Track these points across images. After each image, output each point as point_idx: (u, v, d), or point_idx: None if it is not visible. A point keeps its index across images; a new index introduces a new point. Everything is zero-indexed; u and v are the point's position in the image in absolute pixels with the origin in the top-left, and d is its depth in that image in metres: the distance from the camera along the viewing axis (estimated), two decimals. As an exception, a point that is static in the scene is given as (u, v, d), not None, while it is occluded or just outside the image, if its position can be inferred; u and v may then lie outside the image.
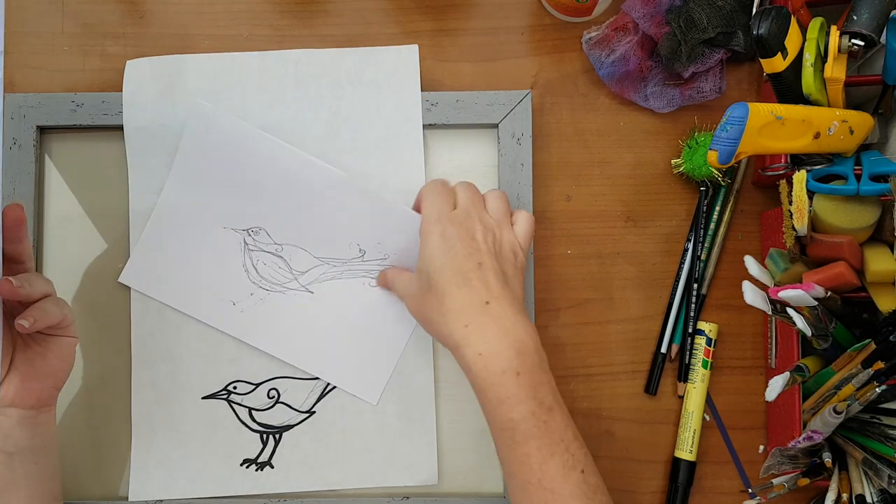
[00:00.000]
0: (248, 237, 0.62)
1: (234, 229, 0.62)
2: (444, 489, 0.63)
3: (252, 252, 0.62)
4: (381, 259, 0.62)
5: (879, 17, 0.50)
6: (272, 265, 0.62)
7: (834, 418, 0.52)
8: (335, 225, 0.61)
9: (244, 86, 0.63)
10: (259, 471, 0.62)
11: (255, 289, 0.62)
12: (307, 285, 0.62)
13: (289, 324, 0.62)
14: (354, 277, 0.62)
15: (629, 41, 0.62)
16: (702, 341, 0.63)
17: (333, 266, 0.62)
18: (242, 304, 0.62)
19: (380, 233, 0.61)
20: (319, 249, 0.62)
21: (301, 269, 0.62)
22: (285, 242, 0.62)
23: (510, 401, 0.49)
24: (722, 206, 0.64)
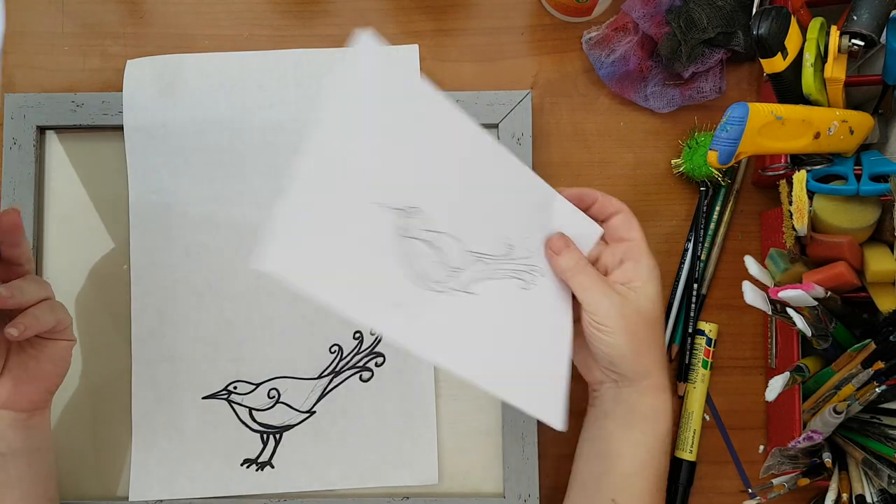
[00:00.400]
0: (403, 219, 0.49)
1: (386, 206, 0.48)
2: (444, 489, 0.63)
3: (406, 240, 0.49)
4: (524, 258, 0.54)
5: (879, 17, 0.50)
6: (429, 259, 0.50)
7: (834, 418, 0.52)
8: (490, 212, 0.52)
9: (244, 85, 0.63)
10: (259, 471, 0.62)
11: (416, 289, 0.50)
12: (467, 286, 0.52)
13: (457, 332, 0.51)
14: (505, 278, 0.53)
15: (629, 41, 0.62)
16: (702, 341, 0.63)
17: (486, 264, 0.52)
18: (406, 307, 0.49)
19: (528, 225, 0.53)
20: (473, 241, 0.51)
21: (457, 265, 0.51)
22: (443, 231, 0.50)
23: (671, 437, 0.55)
24: (722, 206, 0.64)
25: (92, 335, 0.63)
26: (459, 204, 0.51)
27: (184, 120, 0.63)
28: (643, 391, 0.53)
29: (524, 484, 0.61)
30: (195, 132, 0.63)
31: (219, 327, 0.62)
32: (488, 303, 0.52)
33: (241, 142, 0.63)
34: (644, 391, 0.53)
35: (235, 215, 0.63)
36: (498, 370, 0.52)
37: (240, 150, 0.63)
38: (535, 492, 0.61)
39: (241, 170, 0.63)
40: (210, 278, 0.63)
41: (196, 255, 0.63)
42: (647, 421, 0.53)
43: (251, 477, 0.62)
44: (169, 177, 0.63)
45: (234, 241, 0.63)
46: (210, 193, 0.63)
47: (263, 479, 0.62)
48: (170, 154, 0.63)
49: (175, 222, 0.63)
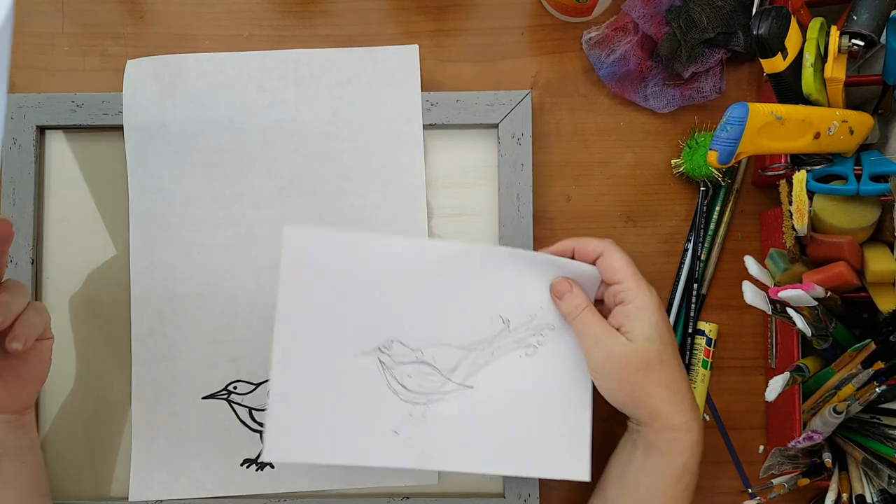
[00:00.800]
0: (383, 354, 0.55)
1: (364, 353, 0.54)
2: (444, 489, 0.63)
3: (392, 370, 0.55)
4: (527, 322, 0.56)
5: (879, 18, 0.50)
6: (418, 375, 0.55)
7: (834, 418, 0.52)
8: (470, 304, 0.55)
9: (244, 85, 0.63)
10: (259, 471, 0.62)
11: (411, 408, 0.55)
12: (463, 381, 0.55)
13: (463, 430, 0.55)
14: (507, 353, 0.56)
15: (629, 41, 0.62)
16: (702, 341, 0.63)
17: (482, 350, 0.56)
18: (405, 430, 0.55)
19: (518, 292, 0.55)
20: (461, 338, 0.55)
21: (449, 366, 0.55)
22: (423, 345, 0.55)
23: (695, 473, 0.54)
24: (722, 206, 0.64)
25: (92, 335, 0.63)
26: (435, 315, 0.55)
27: (184, 120, 0.63)
28: (657, 431, 0.53)
29: (524, 484, 0.61)
30: (195, 132, 0.63)
31: (219, 327, 0.62)
32: (488, 390, 0.55)
33: (241, 142, 0.63)
34: (657, 431, 0.53)
35: (235, 215, 0.63)
36: (513, 453, 0.55)
37: (240, 150, 0.63)
38: (535, 492, 0.61)
39: (241, 170, 0.63)
40: (210, 278, 0.63)
41: (196, 255, 0.63)
42: (662, 454, 0.53)
43: (251, 477, 0.62)
44: (169, 177, 0.63)
45: (233, 241, 0.63)
46: (210, 193, 0.63)
47: (263, 479, 0.62)
48: (170, 154, 0.63)
49: (175, 222, 0.63)
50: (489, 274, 0.55)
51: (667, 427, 0.53)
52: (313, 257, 0.54)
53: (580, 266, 0.55)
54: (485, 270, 0.55)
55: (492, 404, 0.56)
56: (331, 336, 0.54)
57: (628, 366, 0.52)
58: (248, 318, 0.62)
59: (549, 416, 0.56)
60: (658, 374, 0.52)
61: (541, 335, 0.56)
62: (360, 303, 0.54)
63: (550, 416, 0.56)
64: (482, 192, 0.64)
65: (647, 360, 0.52)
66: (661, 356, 0.52)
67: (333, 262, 0.54)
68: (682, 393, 0.53)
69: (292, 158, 0.63)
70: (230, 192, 0.63)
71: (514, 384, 0.56)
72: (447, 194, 0.64)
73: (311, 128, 0.63)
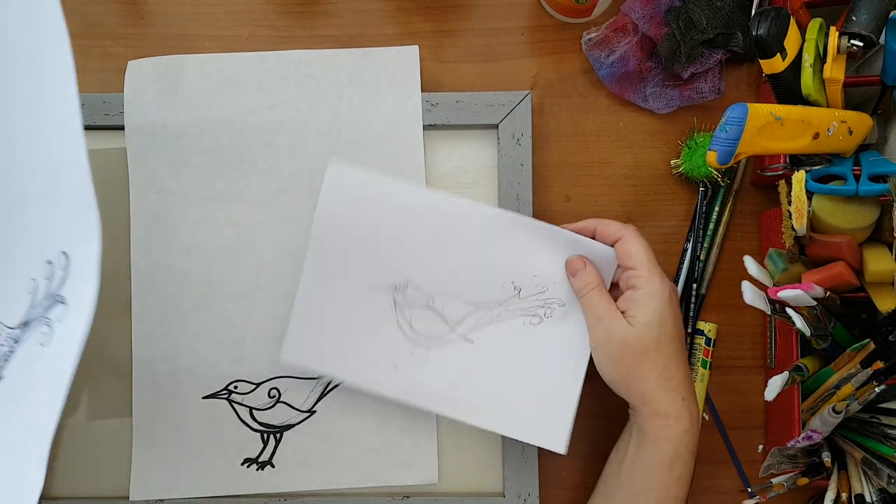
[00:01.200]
0: (398, 293, 0.59)
1: (381, 288, 0.59)
2: (444, 489, 0.63)
3: (403, 309, 0.59)
4: (538, 294, 0.58)
5: (878, 18, 0.50)
6: (426, 319, 0.58)
7: (833, 418, 0.52)
8: (486, 265, 0.58)
9: (244, 86, 0.63)
10: (260, 470, 0.62)
11: (414, 348, 0.59)
12: (465, 334, 0.59)
13: (455, 379, 0.58)
14: (513, 318, 0.58)
15: (628, 42, 0.62)
16: (701, 341, 0.63)
17: (489, 310, 0.58)
18: (404, 365, 0.59)
19: (534, 263, 0.58)
20: (472, 294, 0.58)
21: (456, 318, 0.58)
22: (436, 293, 0.58)
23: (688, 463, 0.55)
24: (721, 206, 0.64)
25: (92, 335, 0.63)
26: (452, 268, 0.58)
27: (184, 120, 0.63)
28: (646, 417, 0.54)
29: (524, 483, 0.61)
30: (196, 132, 0.63)
31: (219, 327, 0.63)
32: (487, 347, 0.58)
33: (241, 142, 0.63)
34: (647, 417, 0.54)
35: (236, 215, 0.63)
36: (497, 410, 0.58)
37: (240, 150, 0.63)
38: (535, 491, 0.61)
39: (242, 170, 0.63)
40: (210, 278, 0.63)
41: (196, 255, 0.63)
42: (653, 441, 0.54)
43: (252, 476, 0.62)
44: (169, 177, 0.63)
45: (234, 241, 0.63)
46: (210, 193, 0.63)
47: (264, 478, 0.62)
48: (170, 154, 0.63)
49: (175, 222, 0.63)
50: (511, 240, 0.58)
51: (656, 413, 0.53)
52: (349, 194, 0.58)
53: (599, 247, 0.57)
54: (507, 236, 0.58)
55: (487, 362, 0.58)
56: (354, 266, 0.59)
57: (624, 349, 0.53)
58: (248, 318, 0.63)
59: (539, 386, 0.58)
60: (653, 360, 0.53)
61: (549, 308, 0.58)
62: (384, 242, 0.58)
63: (540, 386, 0.58)
64: (482, 192, 0.64)
65: (644, 345, 0.53)
66: (658, 344, 0.53)
67: (367, 201, 0.58)
68: (676, 381, 0.53)
69: (292, 158, 0.63)
70: (231, 192, 0.63)
71: (512, 348, 0.58)
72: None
73: (311, 128, 0.63)
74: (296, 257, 0.62)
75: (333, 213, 0.58)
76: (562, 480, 0.63)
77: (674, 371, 0.53)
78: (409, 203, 0.58)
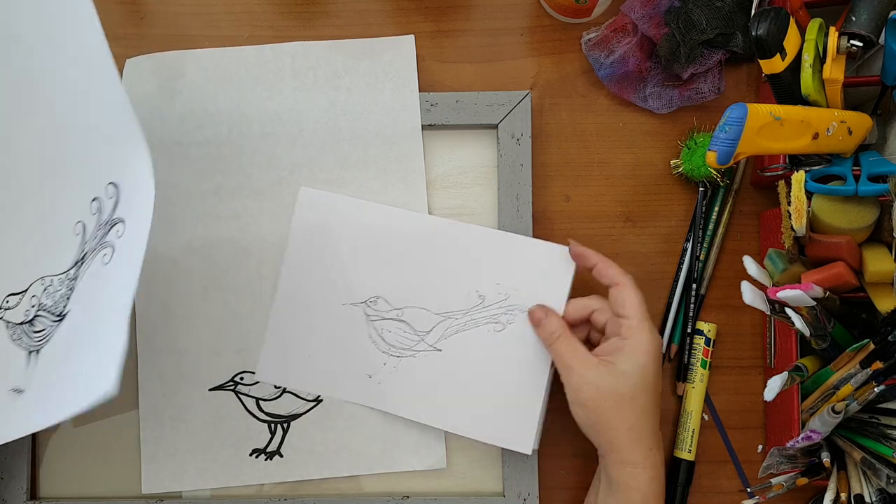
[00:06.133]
0: (368, 308, 0.61)
1: (352, 304, 0.61)
2: (444, 488, 0.63)
3: (374, 322, 0.61)
4: (501, 300, 0.60)
5: (878, 18, 0.50)
6: (397, 331, 0.61)
7: (832, 418, 0.52)
8: (451, 276, 0.61)
9: (241, 78, 0.64)
10: (268, 460, 0.62)
11: (386, 358, 0.61)
12: (434, 344, 0.61)
13: (425, 386, 0.61)
14: (478, 326, 0.60)
15: (628, 42, 0.62)
16: (701, 341, 0.63)
17: (455, 319, 0.61)
18: (378, 375, 0.61)
19: (496, 272, 0.60)
20: (440, 304, 0.61)
21: (425, 328, 0.61)
22: (405, 305, 0.61)
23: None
24: (721, 206, 0.64)
25: (92, 335, 0.64)
26: (417, 280, 0.61)
27: (182, 114, 0.63)
28: (613, 463, 0.54)
29: (524, 483, 0.61)
30: (194, 126, 0.63)
31: (223, 319, 0.63)
32: (454, 355, 0.61)
33: (239, 134, 0.63)
34: (613, 464, 0.54)
35: (236, 207, 0.63)
36: (466, 414, 0.60)
37: (239, 142, 0.63)
38: (535, 491, 0.61)
39: (240, 162, 0.63)
40: (213, 270, 0.63)
41: (198, 248, 0.63)
42: (621, 488, 0.54)
43: (260, 467, 0.62)
44: (168, 171, 0.63)
45: (235, 233, 0.63)
46: (210, 186, 0.63)
47: (272, 468, 0.62)
48: (169, 148, 0.63)
49: (177, 216, 0.63)
50: (471, 251, 0.61)
51: (623, 461, 0.54)
52: (320, 216, 0.62)
53: (556, 248, 0.59)
54: (468, 248, 0.61)
55: (455, 369, 0.61)
56: (326, 284, 0.62)
57: (598, 395, 0.53)
58: (252, 309, 0.63)
59: (505, 389, 0.60)
60: (625, 410, 0.53)
61: (511, 314, 0.60)
62: (354, 260, 0.62)
63: (507, 390, 0.60)
64: (482, 192, 0.64)
65: (619, 394, 0.53)
66: (633, 394, 0.53)
67: (337, 222, 0.62)
68: (645, 433, 0.54)
69: (291, 149, 0.63)
70: (230, 185, 0.63)
71: (479, 354, 0.60)
72: (447, 194, 0.64)
73: (308, 118, 0.63)
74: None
75: (305, 235, 0.62)
76: (562, 480, 0.63)
77: (644, 423, 0.54)
78: (376, 222, 0.62)
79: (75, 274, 0.51)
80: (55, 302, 0.53)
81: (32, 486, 0.63)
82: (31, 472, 0.63)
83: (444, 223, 0.61)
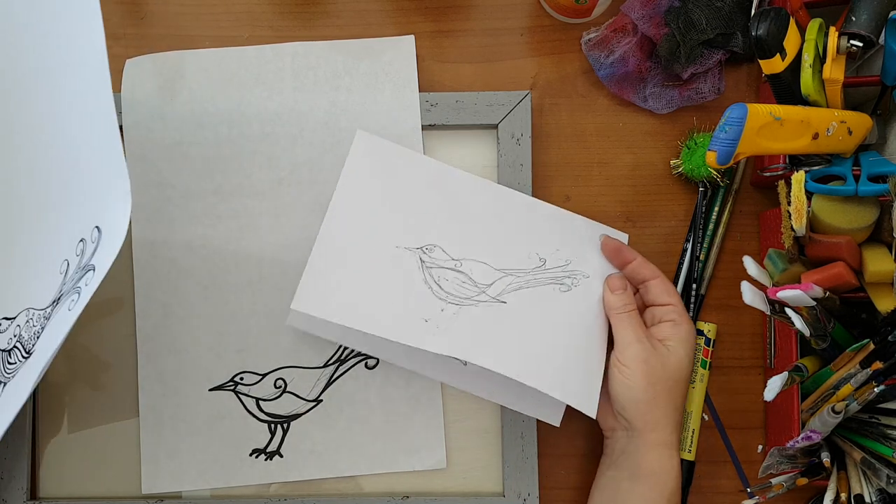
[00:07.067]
0: (424, 255, 0.59)
1: (407, 248, 0.59)
2: (443, 488, 0.63)
3: (431, 269, 0.59)
4: (562, 265, 0.60)
5: (878, 18, 0.50)
6: (455, 280, 0.59)
7: (832, 418, 0.52)
8: (510, 237, 0.60)
9: (241, 78, 0.64)
10: (268, 460, 0.62)
11: (444, 304, 0.58)
12: (497, 296, 0.59)
13: (489, 334, 0.58)
14: (542, 285, 0.60)
15: (628, 42, 0.62)
16: (701, 341, 0.63)
17: (517, 276, 0.60)
18: (435, 319, 0.58)
19: (556, 240, 0.61)
20: (499, 261, 0.60)
21: (485, 281, 0.59)
22: (463, 258, 0.59)
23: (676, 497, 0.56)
24: (721, 206, 0.64)
25: (97, 331, 0.64)
26: (477, 236, 0.60)
27: (182, 114, 0.63)
28: (650, 445, 0.55)
29: (524, 483, 0.61)
30: (194, 126, 0.63)
31: (223, 319, 0.63)
32: (520, 308, 0.59)
33: (239, 134, 0.63)
34: (650, 445, 0.55)
35: (236, 207, 0.63)
36: (532, 365, 0.57)
37: (239, 142, 0.63)
38: (535, 491, 0.61)
39: (241, 162, 0.63)
40: (213, 270, 0.63)
41: (199, 248, 0.63)
42: (654, 476, 0.55)
43: (260, 467, 0.62)
44: (169, 171, 0.63)
45: (235, 233, 0.63)
46: (210, 186, 0.63)
47: (272, 468, 0.62)
48: (169, 148, 0.63)
49: (176, 216, 0.63)
50: (533, 219, 0.61)
51: (662, 442, 0.55)
52: (376, 160, 0.60)
53: (614, 232, 0.61)
54: (530, 216, 0.61)
55: (522, 321, 0.58)
56: (378, 226, 0.59)
57: (662, 372, 0.55)
58: (252, 309, 0.63)
59: (573, 348, 0.58)
60: (675, 393, 0.56)
61: (575, 278, 0.60)
62: (410, 206, 0.60)
63: (575, 349, 0.58)
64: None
65: (677, 376, 0.56)
66: (684, 378, 0.56)
67: (393, 168, 0.60)
68: (680, 421, 0.56)
69: (291, 149, 0.63)
70: (230, 185, 0.63)
71: (545, 310, 0.59)
72: (447, 194, 0.64)
73: (308, 118, 0.63)
74: (297, 248, 0.62)
75: (358, 176, 0.60)
76: (562, 480, 0.63)
77: (681, 410, 0.57)
78: (434, 174, 0.61)
79: (49, 314, 0.50)
80: (29, 337, 0.51)
81: (32, 486, 0.63)
82: (31, 472, 0.63)
83: (503, 191, 0.61)
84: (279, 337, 0.63)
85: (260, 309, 0.63)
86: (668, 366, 0.55)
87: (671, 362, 0.55)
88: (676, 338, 0.56)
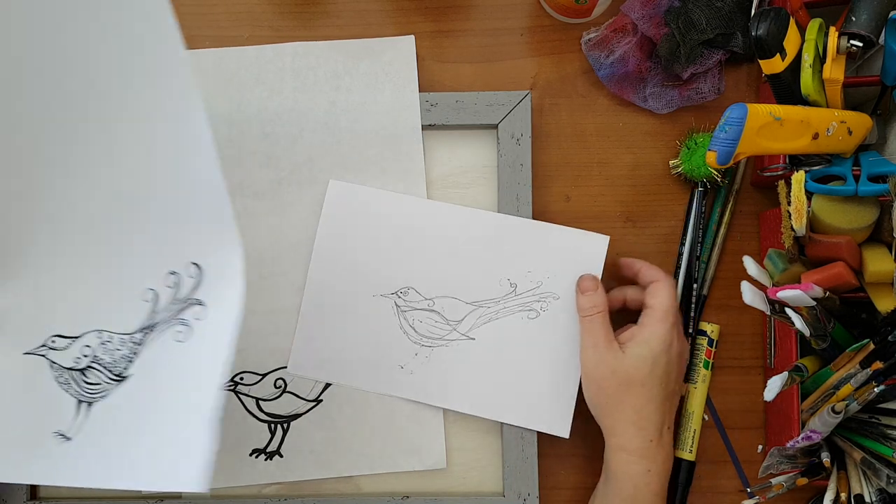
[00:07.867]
0: (399, 299, 0.62)
1: (383, 295, 0.62)
2: (443, 488, 0.63)
3: (405, 313, 0.62)
4: (533, 288, 0.61)
5: (878, 18, 0.50)
6: (428, 321, 0.62)
7: (832, 418, 0.52)
8: (481, 265, 0.61)
9: (241, 78, 0.64)
10: (268, 460, 0.62)
11: (418, 348, 0.62)
12: (466, 333, 0.62)
13: (460, 375, 0.61)
14: (511, 314, 0.61)
15: (628, 42, 0.62)
16: (703, 342, 0.63)
17: (487, 307, 0.62)
18: (410, 365, 0.62)
19: (527, 260, 0.61)
20: (470, 294, 0.62)
21: (457, 318, 0.62)
22: (436, 296, 0.62)
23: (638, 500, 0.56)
24: (721, 206, 0.64)
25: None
26: (448, 270, 0.62)
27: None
28: (612, 449, 0.56)
29: (524, 483, 0.61)
30: None
31: None
32: (489, 343, 0.61)
33: (239, 134, 0.63)
34: (613, 449, 0.56)
35: (236, 207, 0.63)
36: (503, 401, 0.61)
37: (238, 142, 0.63)
38: (535, 491, 0.61)
39: (240, 162, 0.63)
40: None
41: None
42: (616, 480, 0.56)
43: (260, 467, 0.62)
44: None
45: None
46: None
47: (272, 468, 0.62)
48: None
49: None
50: (502, 240, 0.61)
51: (621, 447, 0.55)
52: (349, 208, 0.62)
53: (590, 235, 0.61)
54: (499, 237, 0.61)
55: (490, 357, 0.61)
56: (356, 277, 0.62)
57: (610, 376, 0.55)
58: (252, 309, 0.63)
59: (541, 376, 0.61)
60: (633, 396, 0.55)
61: (544, 302, 0.61)
62: (384, 251, 0.62)
63: (542, 376, 0.61)
64: (482, 192, 0.64)
65: (629, 378, 0.55)
66: (643, 381, 0.55)
67: (366, 214, 0.62)
68: (648, 424, 0.55)
69: (291, 149, 0.63)
70: (230, 185, 0.63)
71: (513, 342, 0.61)
72: (447, 194, 0.64)
73: (308, 118, 0.63)
74: (296, 248, 0.63)
75: (334, 228, 0.62)
76: (562, 480, 0.63)
77: (650, 413, 0.55)
78: (405, 212, 0.62)
79: (141, 339, 0.53)
80: (114, 360, 0.53)
81: (32, 486, 0.63)
82: (32, 472, 0.63)
83: (473, 213, 0.62)
84: (279, 337, 0.63)
85: (260, 309, 0.63)
86: (619, 370, 0.55)
87: (623, 366, 0.55)
88: (637, 339, 0.56)
